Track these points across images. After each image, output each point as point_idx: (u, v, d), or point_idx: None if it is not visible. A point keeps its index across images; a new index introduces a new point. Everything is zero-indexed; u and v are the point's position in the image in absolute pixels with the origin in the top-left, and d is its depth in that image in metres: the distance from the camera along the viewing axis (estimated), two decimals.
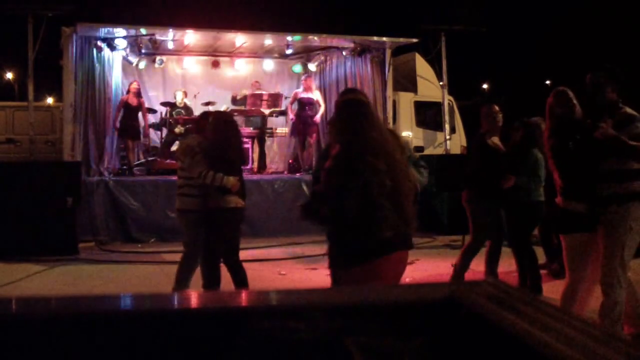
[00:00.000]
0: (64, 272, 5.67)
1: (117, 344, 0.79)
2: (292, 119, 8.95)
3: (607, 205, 3.04)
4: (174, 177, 4.55)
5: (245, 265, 4.18)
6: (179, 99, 8.91)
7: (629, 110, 3.11)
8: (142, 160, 8.76)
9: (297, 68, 10.18)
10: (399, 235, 2.27)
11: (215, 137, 3.93)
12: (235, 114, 9.43)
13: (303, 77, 9.24)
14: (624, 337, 0.66)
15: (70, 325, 0.79)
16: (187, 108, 8.95)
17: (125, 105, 8.28)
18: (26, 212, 6.26)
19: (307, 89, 8.78)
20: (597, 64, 3.41)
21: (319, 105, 8.82)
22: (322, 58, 10.07)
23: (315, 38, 9.33)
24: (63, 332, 0.78)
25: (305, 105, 8.70)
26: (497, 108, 4.64)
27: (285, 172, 9.21)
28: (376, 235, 2.21)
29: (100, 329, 0.79)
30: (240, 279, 3.96)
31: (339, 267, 2.38)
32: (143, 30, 8.54)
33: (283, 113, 9.20)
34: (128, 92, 8.50)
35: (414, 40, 9.25)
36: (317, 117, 8.74)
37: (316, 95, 8.87)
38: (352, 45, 9.34)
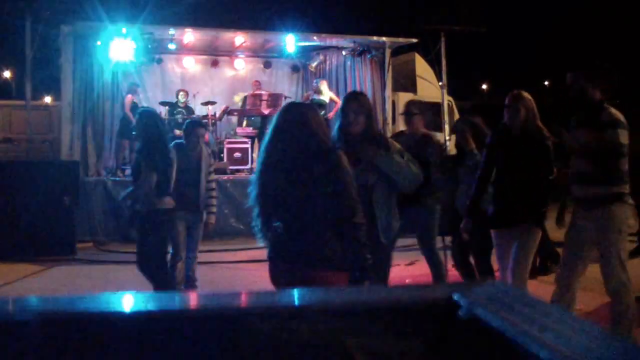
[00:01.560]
0: (62, 272, 5.66)
1: (115, 344, 0.78)
2: None
3: (591, 208, 3.04)
4: None
5: (242, 266, 4.18)
6: (181, 99, 8.90)
7: (613, 111, 3.03)
8: None
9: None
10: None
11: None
12: (235, 113, 9.45)
13: (315, 81, 9.22)
14: (623, 337, 0.66)
15: (68, 325, 0.78)
16: (187, 108, 8.94)
17: (134, 106, 8.27)
18: (23, 212, 6.24)
19: (317, 91, 8.77)
20: (589, 62, 3.41)
21: (336, 104, 8.75)
22: (322, 58, 10.07)
23: (315, 38, 9.33)
24: (61, 332, 0.77)
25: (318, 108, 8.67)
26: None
27: None
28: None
29: (98, 329, 0.79)
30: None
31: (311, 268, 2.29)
32: (141, 29, 8.53)
33: None
34: (129, 91, 8.50)
35: (414, 40, 9.25)
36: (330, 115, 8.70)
37: (327, 97, 8.84)
38: (351, 45, 9.34)
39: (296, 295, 0.94)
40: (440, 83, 9.50)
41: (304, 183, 2.14)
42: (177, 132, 8.36)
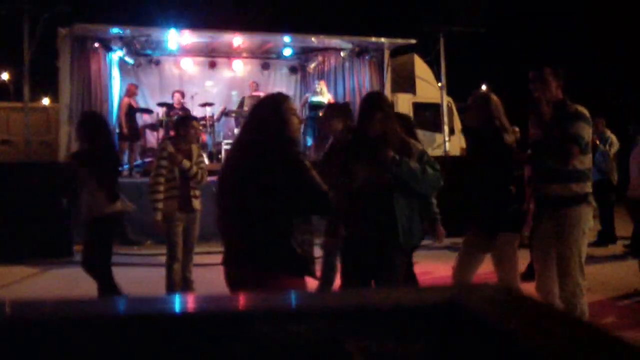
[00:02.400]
0: (59, 274, 5.64)
1: (113, 347, 0.77)
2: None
3: (554, 207, 2.99)
4: None
5: None
6: (176, 101, 8.90)
7: (579, 108, 3.00)
8: (139, 161, 8.74)
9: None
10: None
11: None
12: (233, 114, 9.45)
13: (316, 82, 9.22)
14: (625, 339, 0.65)
15: (65, 328, 0.77)
16: (184, 109, 8.94)
17: (129, 107, 8.26)
18: (21, 213, 6.23)
19: (317, 92, 8.77)
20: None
21: None
22: (320, 59, 10.07)
23: (313, 39, 9.33)
24: (58, 335, 0.77)
25: (316, 109, 8.67)
26: None
27: None
28: None
29: (95, 332, 0.78)
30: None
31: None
32: (139, 31, 8.53)
33: None
34: (126, 94, 8.49)
35: (413, 41, 9.26)
36: None
37: (326, 99, 8.85)
38: (350, 46, 9.35)
39: (295, 297, 0.93)
40: (439, 84, 9.51)
41: (253, 180, 2.08)
42: (172, 133, 8.37)
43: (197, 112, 9.21)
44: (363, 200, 2.58)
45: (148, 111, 8.99)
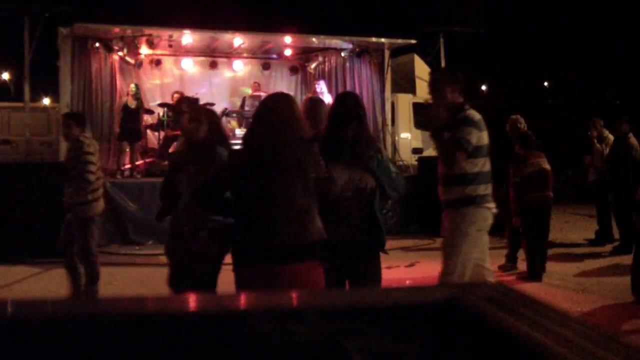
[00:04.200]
0: (61, 274, 5.63)
1: (114, 346, 0.78)
2: None
3: (448, 209, 3.02)
4: None
5: None
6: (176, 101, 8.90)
7: (469, 113, 2.99)
8: (140, 161, 8.74)
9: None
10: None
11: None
12: (233, 114, 9.45)
13: (316, 82, 9.22)
14: (623, 339, 0.66)
15: (67, 328, 0.78)
16: None
17: (124, 107, 8.26)
18: (22, 213, 6.23)
19: (317, 92, 8.77)
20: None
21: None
22: (321, 59, 10.07)
23: (314, 39, 9.33)
24: (60, 335, 0.77)
25: None
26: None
27: None
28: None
29: (97, 331, 0.78)
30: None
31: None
32: (140, 31, 8.53)
33: None
34: (127, 94, 8.49)
35: (413, 41, 9.26)
36: None
37: (327, 99, 8.85)
38: (350, 46, 9.35)
39: (295, 296, 0.94)
40: None
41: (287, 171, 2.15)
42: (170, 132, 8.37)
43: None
44: (344, 203, 2.56)
45: (148, 111, 8.99)
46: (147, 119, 8.98)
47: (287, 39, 9.20)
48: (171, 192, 3.09)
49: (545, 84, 23.95)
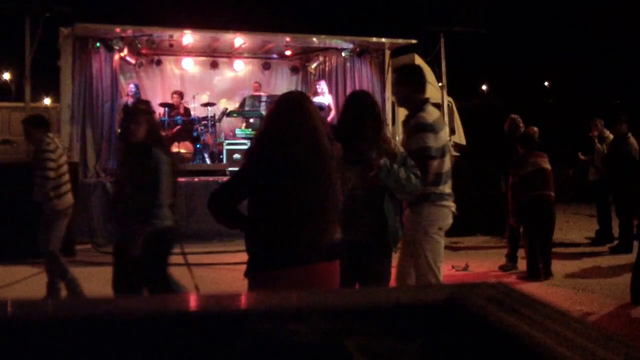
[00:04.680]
0: None
1: (114, 347, 0.78)
2: None
3: (409, 208, 3.02)
4: None
5: (241, 267, 4.16)
6: (175, 102, 8.91)
7: (424, 116, 2.96)
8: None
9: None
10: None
11: None
12: (234, 114, 9.45)
13: (317, 83, 9.21)
14: (623, 338, 0.66)
15: (67, 328, 0.78)
16: (185, 110, 8.95)
17: (124, 107, 8.25)
18: (22, 213, 6.23)
19: (318, 93, 8.77)
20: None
21: (330, 110, 8.78)
22: (321, 59, 10.07)
23: (314, 39, 9.33)
24: (60, 335, 0.77)
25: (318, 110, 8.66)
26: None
27: None
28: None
29: (97, 331, 0.78)
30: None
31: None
32: (141, 31, 8.53)
33: None
34: (127, 94, 8.49)
35: (413, 41, 9.26)
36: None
37: (327, 100, 8.84)
38: (351, 46, 9.34)
39: (295, 296, 0.93)
40: (440, 84, 9.50)
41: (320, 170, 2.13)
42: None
43: (198, 112, 9.21)
44: (355, 203, 2.55)
45: None
46: None
47: (288, 38, 9.20)
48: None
49: (546, 83, 23.96)
